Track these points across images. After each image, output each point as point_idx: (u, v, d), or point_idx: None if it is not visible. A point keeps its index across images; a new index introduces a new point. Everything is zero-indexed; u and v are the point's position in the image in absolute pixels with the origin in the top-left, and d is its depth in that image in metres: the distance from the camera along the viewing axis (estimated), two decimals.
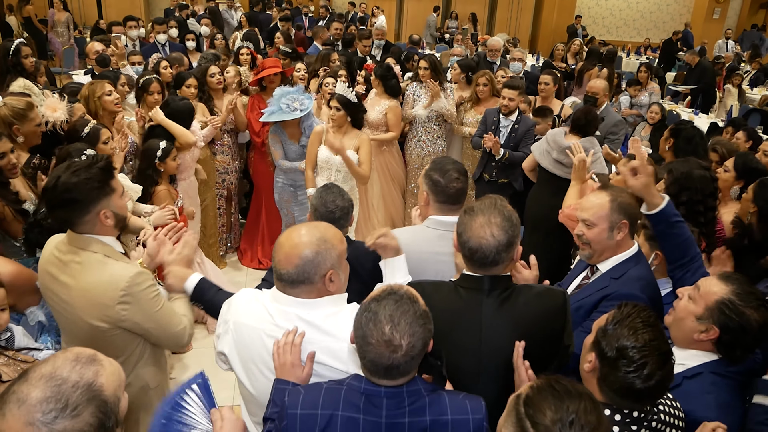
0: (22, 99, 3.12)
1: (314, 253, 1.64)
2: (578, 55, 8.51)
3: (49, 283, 1.96)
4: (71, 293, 1.88)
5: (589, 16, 17.29)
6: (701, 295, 1.79)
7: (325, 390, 1.49)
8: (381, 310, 1.40)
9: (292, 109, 3.97)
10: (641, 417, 1.49)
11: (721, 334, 1.74)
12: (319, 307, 1.66)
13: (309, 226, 1.72)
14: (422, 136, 5.22)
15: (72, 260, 1.91)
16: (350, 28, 9.10)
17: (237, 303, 1.79)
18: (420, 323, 1.41)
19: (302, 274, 1.63)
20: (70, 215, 1.88)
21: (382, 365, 1.39)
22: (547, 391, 1.21)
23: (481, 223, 1.73)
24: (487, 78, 5.19)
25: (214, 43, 7.54)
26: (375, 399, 1.44)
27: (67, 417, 1.07)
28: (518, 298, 1.78)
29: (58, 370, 1.11)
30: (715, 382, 1.73)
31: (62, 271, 1.93)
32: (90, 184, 1.85)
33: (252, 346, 1.70)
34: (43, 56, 9.92)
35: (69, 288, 1.91)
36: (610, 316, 1.56)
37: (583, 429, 1.15)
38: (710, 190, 2.74)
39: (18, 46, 4.37)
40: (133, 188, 3.46)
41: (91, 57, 5.62)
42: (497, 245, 1.71)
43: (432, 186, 2.31)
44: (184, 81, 4.55)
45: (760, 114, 7.92)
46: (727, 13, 16.39)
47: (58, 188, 1.84)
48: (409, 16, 15.84)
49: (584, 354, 1.59)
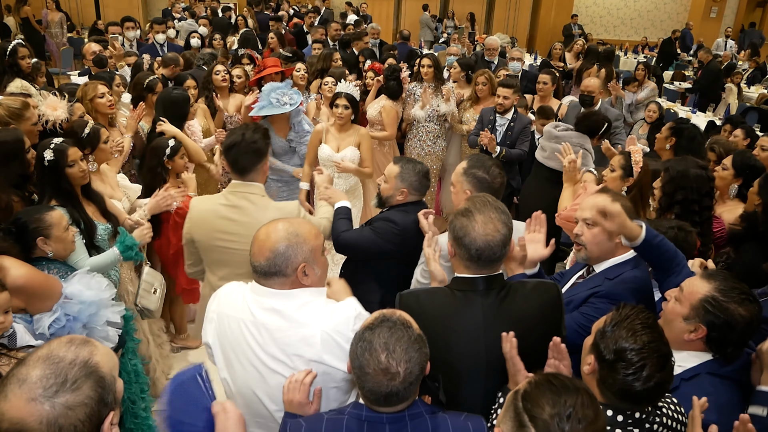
0: (17, 99, 3.13)
1: (285, 246, 1.67)
2: (580, 55, 8.53)
3: (221, 227, 2.40)
4: (249, 225, 2.21)
5: (587, 15, 17.31)
6: (685, 296, 1.79)
7: (326, 421, 1.48)
8: (375, 339, 1.40)
9: (282, 103, 3.99)
10: (642, 418, 1.49)
11: (708, 332, 1.73)
12: (292, 297, 1.68)
13: (285, 222, 1.75)
14: (422, 136, 5.23)
15: (242, 203, 2.41)
16: (347, 28, 9.12)
17: (222, 294, 1.81)
18: (416, 348, 1.40)
19: (273, 267, 1.66)
20: (253, 163, 2.42)
21: (381, 393, 1.39)
22: (545, 386, 1.21)
23: (483, 221, 1.74)
24: (486, 77, 5.20)
25: (212, 43, 7.54)
26: (377, 426, 1.44)
27: (68, 391, 1.10)
28: (516, 295, 1.78)
29: (54, 350, 1.15)
30: (713, 384, 1.73)
31: (236, 213, 2.40)
32: (265, 140, 2.46)
33: (231, 335, 1.71)
34: (41, 57, 9.92)
35: (244, 224, 2.35)
36: (608, 318, 1.54)
37: (580, 423, 1.15)
38: (706, 189, 2.73)
39: (15, 47, 4.38)
40: (132, 188, 3.47)
41: (89, 58, 5.62)
42: (502, 239, 1.74)
43: (476, 183, 2.33)
44: (183, 81, 4.55)
45: (757, 112, 7.94)
46: (724, 11, 16.41)
47: (246, 141, 2.39)
48: (407, 16, 15.85)
49: (584, 356, 1.58)
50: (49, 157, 2.55)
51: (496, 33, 11.48)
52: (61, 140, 2.62)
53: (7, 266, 2.04)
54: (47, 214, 2.30)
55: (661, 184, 2.79)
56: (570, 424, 1.15)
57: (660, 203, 2.81)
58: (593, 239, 2.11)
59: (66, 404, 1.09)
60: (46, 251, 2.31)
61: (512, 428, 1.20)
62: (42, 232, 2.27)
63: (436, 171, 5.36)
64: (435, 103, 5.12)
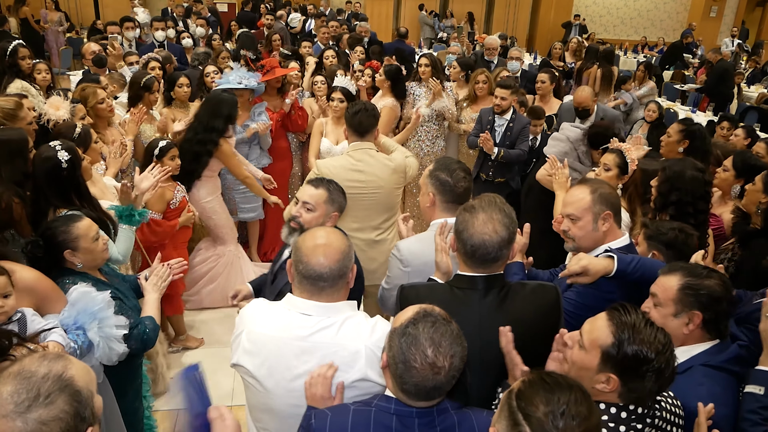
0: (10, 99, 3.12)
1: (348, 247, 1.72)
2: (577, 53, 8.52)
3: (352, 177, 2.99)
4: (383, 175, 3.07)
5: (587, 14, 17.30)
6: (662, 298, 1.80)
7: (353, 412, 1.48)
8: (420, 334, 1.39)
9: (238, 82, 4.39)
10: (644, 413, 1.50)
11: (703, 315, 1.76)
12: (337, 311, 1.68)
13: (324, 230, 1.77)
14: (421, 136, 5.21)
15: (364, 157, 3.07)
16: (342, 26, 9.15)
17: (249, 313, 1.78)
18: (458, 342, 1.41)
19: (342, 269, 1.67)
20: (372, 125, 3.10)
21: (426, 388, 1.39)
22: (539, 384, 1.22)
23: (484, 220, 1.75)
24: (485, 77, 5.19)
25: (211, 43, 7.53)
26: (407, 420, 1.44)
27: (40, 405, 1.06)
28: (515, 297, 1.79)
29: (26, 366, 1.11)
30: (706, 374, 1.75)
31: (362, 165, 3.04)
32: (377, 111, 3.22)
33: (268, 353, 1.68)
34: (40, 57, 9.93)
35: (369, 173, 3.05)
36: (614, 330, 1.46)
37: (574, 420, 1.16)
38: (701, 192, 2.72)
39: (16, 47, 4.38)
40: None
41: (88, 57, 5.63)
42: (500, 241, 1.74)
43: (439, 186, 2.29)
44: (176, 81, 4.55)
45: (757, 112, 7.94)
46: (724, 11, 16.41)
47: (368, 109, 3.10)
48: (406, 16, 15.86)
49: (590, 376, 1.49)
50: (66, 158, 2.51)
51: (496, 32, 11.47)
52: (59, 142, 2.62)
53: (14, 269, 2.01)
54: (74, 225, 2.21)
55: (657, 183, 2.79)
56: (564, 421, 1.16)
57: (655, 203, 2.81)
58: (580, 232, 2.16)
59: (39, 419, 1.05)
60: (75, 263, 2.22)
61: (507, 427, 1.21)
62: (69, 244, 2.20)
63: None
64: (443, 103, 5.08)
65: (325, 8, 12.96)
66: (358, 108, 3.09)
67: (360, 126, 3.05)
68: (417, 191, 5.38)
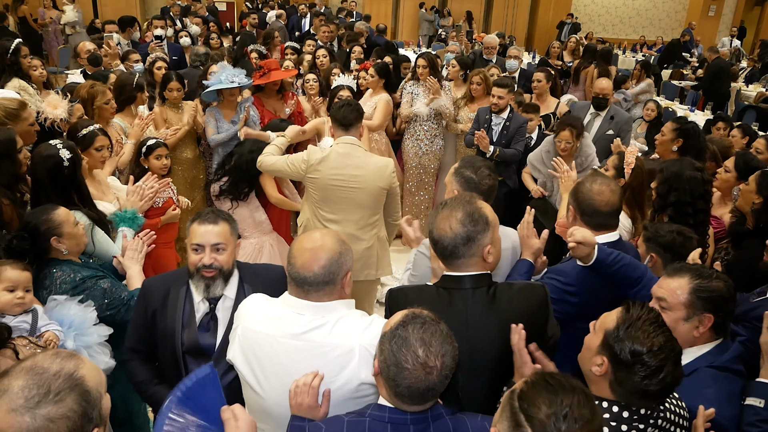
0: (14, 99, 3.09)
1: (339, 253, 1.68)
2: (575, 53, 8.52)
3: (343, 178, 3.12)
4: (365, 172, 3.13)
5: (585, 13, 17.31)
6: (671, 302, 1.79)
7: (347, 423, 1.46)
8: (410, 335, 1.39)
9: (230, 80, 4.34)
10: (648, 414, 1.50)
11: (715, 317, 1.76)
12: (332, 311, 1.68)
13: (321, 232, 1.76)
14: (420, 135, 5.21)
15: (356, 155, 3.16)
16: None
17: (245, 309, 1.79)
18: (449, 341, 1.42)
19: (329, 275, 1.65)
20: (357, 119, 3.18)
21: (419, 389, 1.39)
22: (541, 385, 1.22)
23: (444, 215, 1.79)
24: (481, 77, 5.20)
25: (209, 42, 7.52)
26: (401, 427, 1.44)
27: (50, 402, 1.07)
28: (502, 296, 1.80)
29: (39, 362, 1.12)
30: (713, 376, 1.74)
31: (353, 165, 3.13)
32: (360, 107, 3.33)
33: (261, 351, 1.68)
34: (39, 56, 9.90)
35: (360, 174, 3.13)
36: (619, 319, 1.52)
37: (576, 422, 1.16)
38: (700, 192, 2.71)
39: (18, 46, 4.36)
40: (124, 190, 3.46)
41: (83, 56, 5.62)
42: (454, 237, 1.76)
43: (464, 183, 2.31)
44: (168, 82, 4.47)
45: (755, 111, 7.95)
46: (722, 10, 16.42)
47: (353, 103, 3.26)
48: (405, 15, 15.84)
49: (590, 356, 1.56)
50: (67, 156, 2.52)
51: (495, 31, 11.47)
52: (59, 140, 2.60)
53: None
54: (54, 213, 2.28)
55: (656, 184, 2.79)
56: (566, 424, 1.16)
57: (654, 204, 2.81)
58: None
59: (47, 416, 1.06)
60: (61, 249, 2.29)
61: (509, 428, 1.21)
62: (54, 231, 2.26)
63: (434, 170, 5.35)
64: (442, 102, 5.08)
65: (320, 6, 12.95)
66: (343, 103, 3.24)
67: (345, 120, 3.16)
68: (416, 191, 5.39)
